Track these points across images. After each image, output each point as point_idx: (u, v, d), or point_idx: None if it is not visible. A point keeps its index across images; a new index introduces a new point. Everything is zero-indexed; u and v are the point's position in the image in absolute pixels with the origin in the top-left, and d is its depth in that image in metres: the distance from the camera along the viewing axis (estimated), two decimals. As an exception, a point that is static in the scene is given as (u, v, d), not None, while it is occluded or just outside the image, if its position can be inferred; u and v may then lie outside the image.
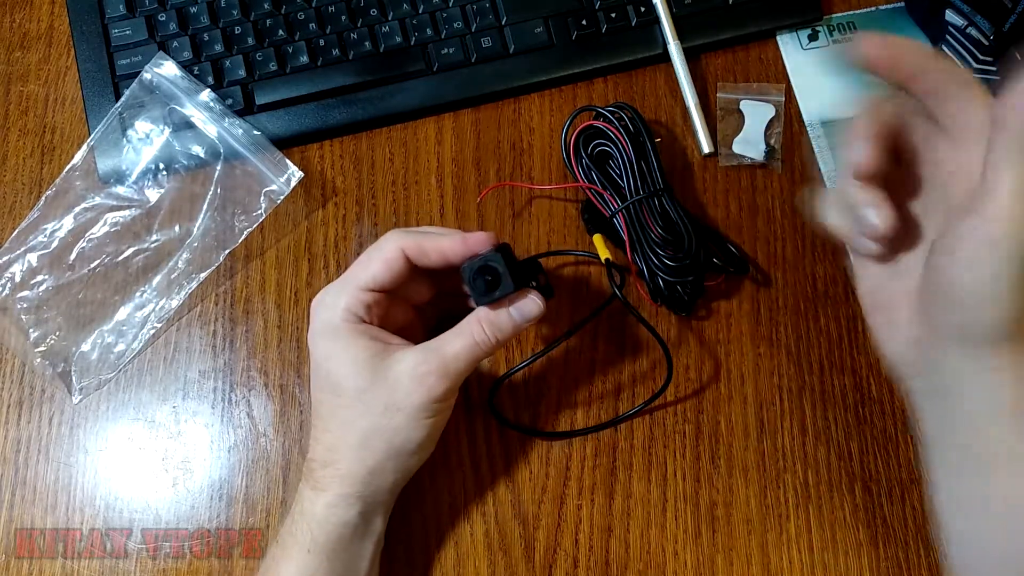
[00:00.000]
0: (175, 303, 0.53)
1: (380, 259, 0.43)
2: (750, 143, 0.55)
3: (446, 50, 0.56)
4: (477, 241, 0.42)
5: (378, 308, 0.43)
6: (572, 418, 0.51)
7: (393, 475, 0.44)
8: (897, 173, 0.38)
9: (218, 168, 0.54)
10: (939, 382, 0.37)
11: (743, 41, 0.58)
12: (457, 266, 0.43)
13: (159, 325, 0.52)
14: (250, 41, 0.56)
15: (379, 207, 0.55)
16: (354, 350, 0.42)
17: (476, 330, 0.42)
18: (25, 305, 0.52)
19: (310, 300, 0.52)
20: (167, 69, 0.54)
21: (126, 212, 0.54)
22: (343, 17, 0.56)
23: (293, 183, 0.53)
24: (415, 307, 0.47)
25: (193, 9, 0.56)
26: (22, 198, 0.55)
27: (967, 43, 0.55)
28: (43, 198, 0.54)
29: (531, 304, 0.43)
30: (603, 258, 0.49)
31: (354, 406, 0.42)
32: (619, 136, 0.51)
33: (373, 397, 0.42)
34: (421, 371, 0.42)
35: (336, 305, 0.42)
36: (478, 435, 0.51)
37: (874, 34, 0.36)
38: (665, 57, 0.57)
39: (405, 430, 0.42)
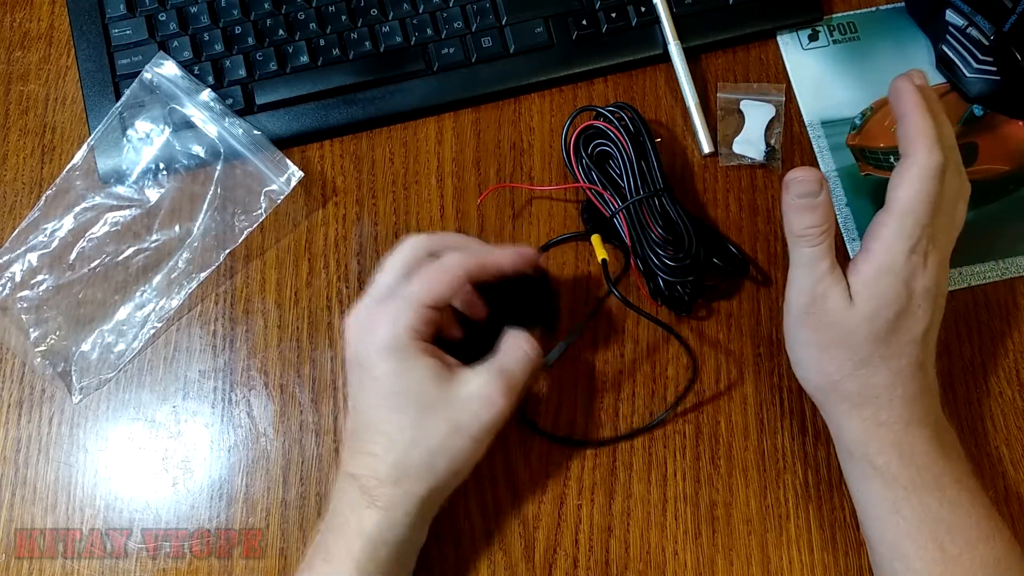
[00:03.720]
0: (175, 303, 0.53)
1: (447, 278, 0.42)
2: (750, 143, 0.55)
3: (446, 50, 0.56)
4: (532, 258, 0.46)
5: (433, 326, 0.43)
6: (572, 418, 0.51)
7: (448, 491, 0.44)
8: None
9: (218, 168, 0.54)
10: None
11: (743, 41, 0.58)
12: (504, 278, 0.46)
13: (159, 325, 0.52)
14: (250, 41, 0.56)
15: (379, 207, 0.55)
16: (421, 369, 0.42)
17: (527, 348, 0.44)
18: (25, 305, 0.52)
19: (310, 300, 0.53)
20: (167, 69, 0.54)
21: (126, 212, 0.54)
22: (343, 17, 0.56)
23: (293, 183, 0.53)
24: None
25: (193, 9, 0.56)
26: (22, 198, 0.55)
27: (967, 43, 0.55)
28: (43, 198, 0.54)
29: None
30: (600, 258, 0.49)
31: (421, 426, 0.42)
32: (619, 136, 0.51)
33: (441, 417, 0.42)
34: (488, 392, 0.42)
35: (400, 322, 0.42)
36: (478, 435, 0.51)
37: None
38: (665, 57, 0.57)
39: (469, 450, 0.42)
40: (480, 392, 0.42)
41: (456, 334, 0.47)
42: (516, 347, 0.44)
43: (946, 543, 0.42)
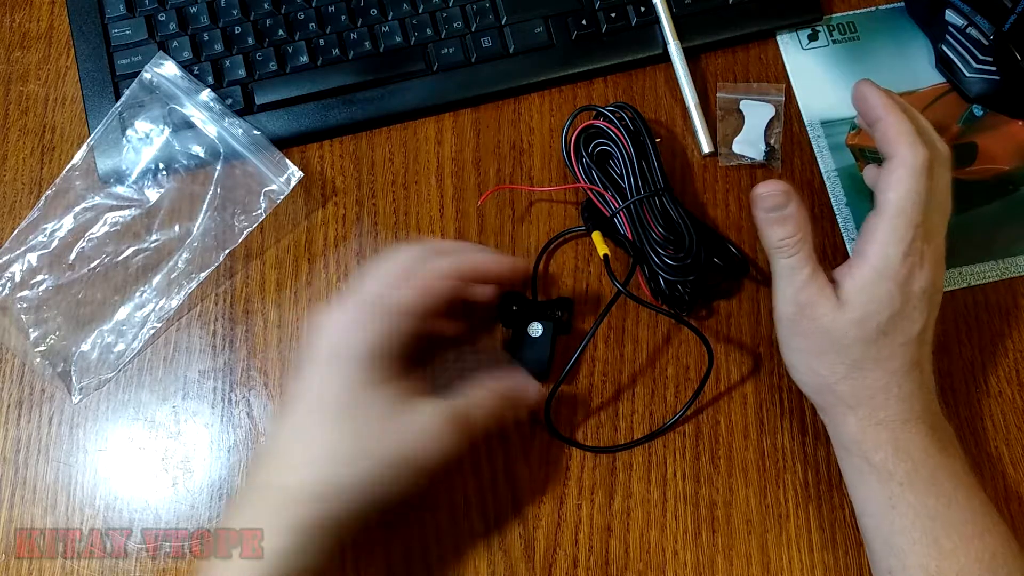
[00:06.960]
0: (175, 303, 0.52)
1: (432, 286, 0.41)
2: (750, 143, 0.55)
3: (446, 50, 0.56)
4: (526, 269, 0.46)
5: (404, 337, 0.40)
6: (571, 418, 0.51)
7: (366, 522, 0.40)
8: None
9: (218, 168, 0.54)
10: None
11: (743, 41, 0.58)
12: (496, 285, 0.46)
13: (159, 325, 0.52)
14: (250, 41, 0.56)
15: (379, 207, 0.55)
16: (384, 387, 0.39)
17: (495, 400, 0.43)
18: (25, 305, 0.52)
19: (310, 300, 0.53)
20: (167, 69, 0.54)
21: (126, 212, 0.54)
22: (343, 17, 0.56)
23: (293, 183, 0.53)
24: None
25: (193, 9, 0.56)
26: (22, 198, 0.55)
27: (967, 43, 0.55)
28: (43, 198, 0.54)
29: (533, 390, 0.47)
30: (602, 254, 0.49)
31: (359, 446, 0.39)
32: (620, 135, 0.51)
33: (383, 442, 0.39)
34: (434, 431, 0.40)
35: (381, 331, 0.39)
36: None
37: None
38: (665, 57, 0.57)
39: (398, 482, 0.40)
40: (427, 428, 0.40)
41: (448, 330, 0.46)
42: (485, 396, 0.43)
43: (941, 538, 0.42)
